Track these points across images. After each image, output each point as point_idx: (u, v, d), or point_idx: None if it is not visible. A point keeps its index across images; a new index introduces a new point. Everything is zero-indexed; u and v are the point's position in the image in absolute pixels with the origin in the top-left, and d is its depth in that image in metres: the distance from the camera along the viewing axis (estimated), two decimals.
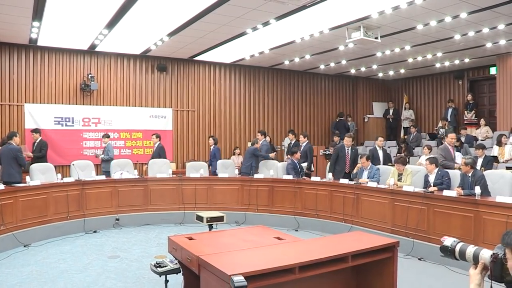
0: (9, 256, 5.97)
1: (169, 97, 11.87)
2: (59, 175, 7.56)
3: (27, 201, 6.73)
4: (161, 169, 8.69)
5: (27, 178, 7.07)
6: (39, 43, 9.94)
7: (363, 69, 13.26)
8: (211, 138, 10.04)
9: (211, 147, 9.97)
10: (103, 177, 8.17)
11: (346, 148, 8.17)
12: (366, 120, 14.80)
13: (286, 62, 12.34)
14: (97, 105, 10.88)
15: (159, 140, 9.52)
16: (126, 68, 11.32)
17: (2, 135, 9.71)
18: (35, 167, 7.70)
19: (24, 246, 6.44)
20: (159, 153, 9.30)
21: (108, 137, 9.80)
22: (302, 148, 9.25)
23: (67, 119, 10.50)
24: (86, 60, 10.82)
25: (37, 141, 8.86)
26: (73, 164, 8.13)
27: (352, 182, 7.37)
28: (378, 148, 8.76)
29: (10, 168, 7.14)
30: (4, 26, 8.54)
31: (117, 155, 10.14)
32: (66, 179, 7.53)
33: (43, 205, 6.98)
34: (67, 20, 8.22)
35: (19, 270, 5.39)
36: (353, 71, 13.73)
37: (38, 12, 7.59)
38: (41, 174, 7.63)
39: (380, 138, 8.86)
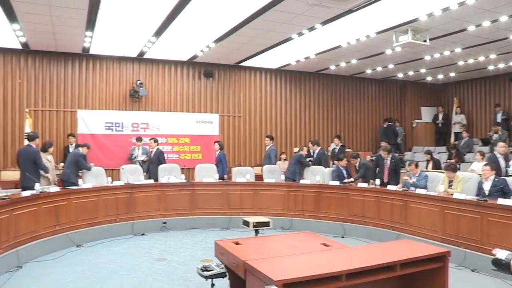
0: (63, 255, 6.26)
1: (216, 103, 12.04)
2: (109, 179, 7.86)
3: (80, 203, 7.04)
4: (207, 174, 8.81)
5: (80, 181, 7.40)
6: (91, 52, 10.37)
7: (411, 73, 12.92)
8: (217, 143, 9.81)
9: (217, 152, 9.77)
10: (151, 181, 8.38)
11: (384, 158, 8.02)
12: (414, 125, 14.38)
13: (332, 67, 12.21)
14: (145, 110, 11.20)
15: (157, 145, 9.71)
16: (173, 75, 11.59)
17: (58, 141, 10.23)
18: (87, 171, 8.04)
19: (77, 246, 6.72)
20: (159, 158, 9.41)
21: (141, 140, 10.13)
22: (315, 155, 9.45)
23: (117, 124, 10.87)
24: (135, 67, 11.17)
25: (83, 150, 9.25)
26: (122, 168, 8.41)
27: (400, 189, 7.20)
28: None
29: (67, 170, 7.80)
30: (61, 37, 9.00)
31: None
32: (115, 183, 7.81)
33: (94, 207, 7.27)
34: (117, 29, 8.53)
35: (73, 269, 5.63)
36: (400, 75, 13.41)
37: (91, 22, 7.93)
38: (92, 178, 7.96)
39: None
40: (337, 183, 8.13)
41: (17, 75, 10.06)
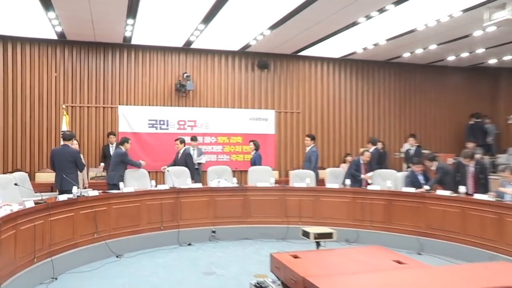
0: (102, 266, 6.39)
1: (271, 98, 12.02)
2: (153, 182, 7.97)
3: (121, 209, 7.18)
4: (262, 177, 8.78)
5: (121, 184, 7.57)
6: (133, 42, 10.66)
7: (507, 58, 12.23)
8: (252, 143, 9.86)
9: (252, 153, 9.82)
10: (199, 185, 8.46)
11: (466, 165, 7.64)
12: (510, 121, 13.61)
13: (406, 55, 11.86)
14: (193, 106, 11.39)
15: (184, 146, 9.71)
16: (224, 66, 11.69)
17: (97, 139, 10.63)
18: (128, 173, 8.25)
19: (117, 256, 6.85)
20: (186, 161, 9.42)
21: (196, 140, 10.27)
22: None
23: (162, 122, 11.13)
24: (181, 58, 11.38)
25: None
26: (167, 170, 8.53)
27: (492, 198, 6.78)
28: None
29: (112, 172, 8.25)
30: (100, 26, 9.29)
31: (213, 161, 10.48)
32: (160, 187, 7.91)
33: (136, 213, 7.39)
34: (161, 17, 8.69)
35: (112, 282, 5.73)
36: (493, 61, 12.71)
37: (132, 9, 8.12)
38: (134, 181, 8.12)
39: None
40: (412, 190, 7.81)
41: (53, 68, 10.54)
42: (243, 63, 11.83)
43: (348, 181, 8.51)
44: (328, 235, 5.45)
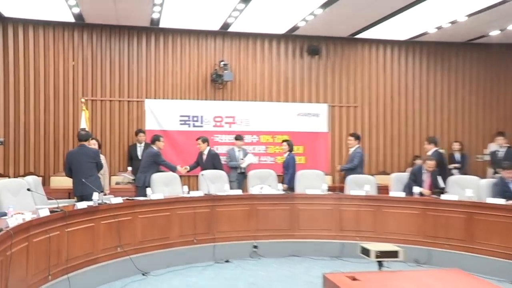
0: (125, 286, 6.47)
1: (324, 89, 11.95)
2: (185, 188, 8.03)
3: (148, 219, 7.25)
4: (312, 183, 8.73)
5: (148, 190, 7.66)
6: (162, 25, 10.81)
7: None
8: (285, 143, 9.97)
9: (285, 155, 9.86)
10: (239, 192, 8.49)
11: None
12: None
13: (494, 33, 11.49)
14: (231, 100, 11.46)
15: (208, 145, 9.75)
16: (267, 53, 11.70)
17: (120, 138, 10.84)
18: (157, 177, 8.35)
19: (143, 274, 6.91)
20: (213, 163, 9.49)
21: (242, 139, 10.37)
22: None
23: (195, 118, 11.26)
24: (218, 44, 11.45)
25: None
26: (202, 175, 8.61)
27: None
28: None
29: (142, 174, 8.67)
30: (123, 6, 9.44)
31: (255, 164, 10.48)
32: (193, 193, 7.96)
33: (166, 224, 7.45)
34: None
35: None
36: None
37: None
38: (163, 186, 8.23)
39: None
40: (502, 201, 7.53)
41: (70, 55, 10.79)
42: (290, 48, 11.80)
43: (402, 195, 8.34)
44: (393, 254, 5.39)
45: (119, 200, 7.06)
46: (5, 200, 6.26)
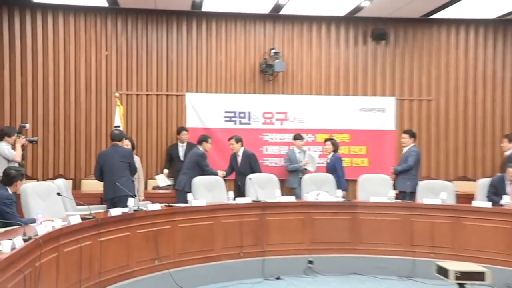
0: None
1: (391, 80, 11.83)
2: (231, 194, 8.13)
3: (189, 228, 7.37)
4: (377, 189, 8.70)
5: (189, 196, 7.76)
6: (204, 8, 10.89)
7: None
8: (329, 142, 10.00)
9: (329, 156, 9.92)
10: (291, 199, 8.50)
11: None
12: None
13: None
14: (283, 93, 11.47)
15: (243, 145, 9.82)
16: (324, 38, 11.66)
17: (158, 137, 11.03)
18: (198, 181, 8.47)
19: None
20: (250, 164, 9.60)
21: (302, 139, 10.41)
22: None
23: (242, 115, 11.35)
24: (268, 30, 11.48)
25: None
26: (249, 179, 8.67)
27: None
28: None
29: (184, 176, 9.04)
30: None
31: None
32: (240, 200, 8.04)
33: (209, 235, 7.56)
34: None
35: None
36: None
37: None
38: (206, 191, 8.37)
39: None
40: None
41: (103, 44, 11.01)
42: (351, 33, 11.73)
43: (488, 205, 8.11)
44: (478, 276, 5.37)
45: (157, 206, 7.21)
46: (34, 205, 6.45)
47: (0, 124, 10.12)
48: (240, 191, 9.28)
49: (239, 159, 9.85)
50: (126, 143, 8.74)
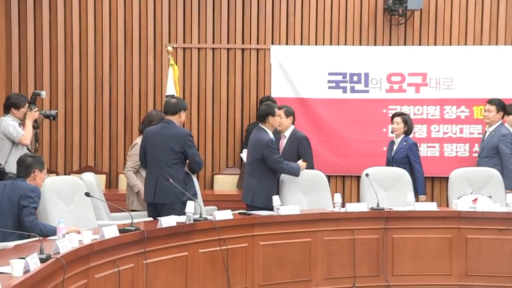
0: None
1: None
2: (338, 197, 8.23)
3: (273, 248, 7.56)
4: None
5: (274, 200, 7.86)
6: None
7: None
8: (399, 119, 9.65)
9: (399, 139, 9.65)
10: (431, 206, 8.43)
11: None
12: None
13: None
14: (419, 44, 11.47)
15: (293, 120, 9.34)
16: None
17: (229, 110, 11.22)
18: (287, 177, 8.60)
19: None
20: (298, 152, 9.12)
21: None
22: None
23: (355, 78, 11.42)
24: None
25: None
26: (366, 175, 8.78)
27: None
28: None
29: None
30: None
31: (460, 157, 10.59)
32: (350, 207, 8.14)
33: (304, 258, 7.70)
34: None
35: None
36: None
37: None
38: (300, 192, 8.56)
39: None
40: None
41: None
42: None
43: None
44: None
45: (227, 215, 7.33)
46: (53, 209, 6.71)
47: (6, 91, 10.45)
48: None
49: (284, 141, 9.42)
50: (182, 119, 8.28)
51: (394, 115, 10.05)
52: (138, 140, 8.63)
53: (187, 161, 7.95)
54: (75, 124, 11.07)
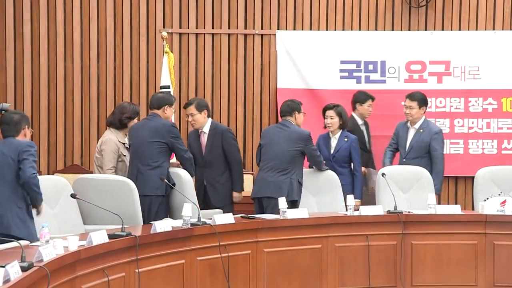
0: None
1: None
2: (351, 199, 8.25)
3: (280, 255, 7.60)
4: None
5: (280, 202, 7.86)
6: None
7: None
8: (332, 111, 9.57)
9: (337, 135, 9.60)
10: (455, 210, 8.51)
11: None
12: None
13: None
14: (442, 29, 11.52)
15: (209, 115, 9.44)
16: None
17: (229, 99, 11.29)
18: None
19: None
20: (223, 148, 9.24)
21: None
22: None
23: (370, 67, 11.50)
24: None
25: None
26: (382, 174, 8.86)
27: None
28: None
29: None
30: None
31: (487, 155, 10.60)
32: (364, 210, 8.21)
33: (313, 266, 7.74)
34: None
35: None
36: None
37: None
38: (309, 193, 8.66)
39: None
40: None
41: None
42: None
43: None
44: None
45: (228, 218, 7.38)
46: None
47: None
48: (205, 198, 9.16)
49: (205, 138, 9.46)
50: (168, 114, 8.70)
51: (325, 108, 9.91)
52: (109, 135, 8.76)
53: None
54: (59, 118, 11.14)
